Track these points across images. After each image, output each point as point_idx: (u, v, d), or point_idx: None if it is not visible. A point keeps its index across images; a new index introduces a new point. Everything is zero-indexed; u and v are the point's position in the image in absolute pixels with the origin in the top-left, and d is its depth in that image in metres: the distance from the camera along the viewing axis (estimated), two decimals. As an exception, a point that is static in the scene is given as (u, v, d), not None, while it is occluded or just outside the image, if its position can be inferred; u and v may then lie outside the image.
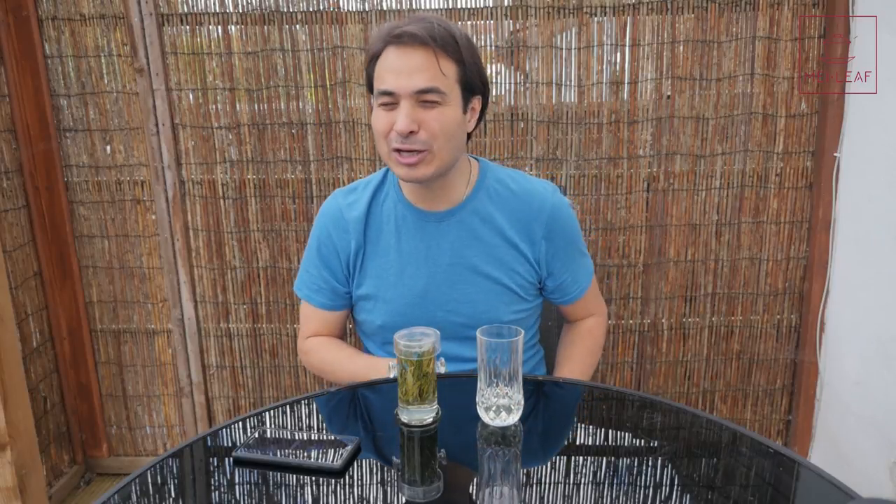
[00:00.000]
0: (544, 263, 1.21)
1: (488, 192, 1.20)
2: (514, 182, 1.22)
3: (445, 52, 1.06)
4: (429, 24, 1.06)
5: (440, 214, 1.19)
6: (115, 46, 1.92)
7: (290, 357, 2.11)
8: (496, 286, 1.19)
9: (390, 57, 1.07)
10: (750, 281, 2.01)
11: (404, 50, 1.05)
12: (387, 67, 1.07)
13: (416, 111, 1.06)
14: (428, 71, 1.05)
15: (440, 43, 1.05)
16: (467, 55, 1.09)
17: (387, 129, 1.08)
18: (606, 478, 0.87)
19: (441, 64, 1.05)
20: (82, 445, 2.21)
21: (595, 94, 1.90)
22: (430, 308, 1.19)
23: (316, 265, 1.25)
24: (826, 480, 0.82)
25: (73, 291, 2.08)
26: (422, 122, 1.06)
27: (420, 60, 1.05)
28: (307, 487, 0.85)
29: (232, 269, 2.05)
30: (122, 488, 0.84)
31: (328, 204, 1.26)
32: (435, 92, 1.05)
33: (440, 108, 1.07)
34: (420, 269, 1.19)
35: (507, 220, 1.19)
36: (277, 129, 1.95)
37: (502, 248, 1.19)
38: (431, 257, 1.18)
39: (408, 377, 0.91)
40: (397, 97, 1.06)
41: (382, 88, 1.06)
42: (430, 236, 1.19)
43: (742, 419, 2.13)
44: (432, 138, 1.07)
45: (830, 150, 1.86)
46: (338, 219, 1.23)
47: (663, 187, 1.95)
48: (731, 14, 1.84)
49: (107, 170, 2.01)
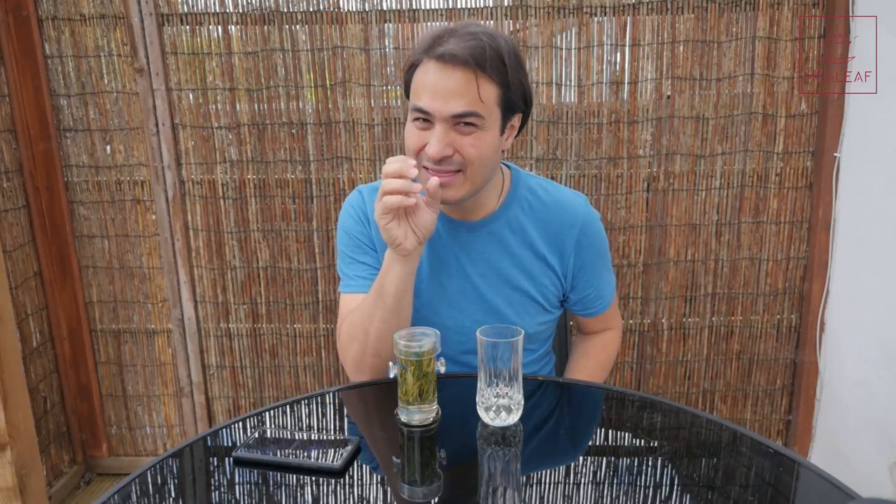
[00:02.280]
0: (570, 276, 1.19)
1: (520, 203, 1.17)
2: (545, 193, 1.19)
3: (487, 74, 0.99)
4: (477, 41, 0.99)
5: (472, 224, 1.16)
6: (115, 46, 1.92)
7: (290, 357, 2.11)
8: (524, 298, 1.17)
9: (429, 73, 1.00)
10: (750, 281, 2.01)
11: (444, 69, 0.99)
12: (424, 84, 1.01)
13: (451, 135, 1.01)
14: (466, 96, 0.99)
15: (483, 65, 0.98)
16: (513, 76, 1.02)
17: (418, 148, 1.03)
18: (606, 478, 0.87)
19: (481, 88, 0.99)
20: (82, 445, 2.21)
21: (595, 94, 1.90)
22: (459, 318, 1.17)
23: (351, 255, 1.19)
24: (826, 480, 0.82)
25: (73, 291, 2.08)
26: (457, 146, 1.01)
27: (459, 83, 0.98)
28: (307, 487, 0.85)
29: (232, 269, 2.05)
30: (122, 488, 0.84)
31: (350, 200, 1.22)
32: (472, 116, 1.00)
33: (477, 134, 1.02)
34: (452, 279, 1.17)
35: (538, 232, 1.17)
36: (277, 129, 1.95)
37: (531, 259, 1.17)
38: (462, 267, 1.16)
39: (408, 377, 0.91)
40: (432, 118, 1.01)
41: (418, 105, 1.01)
42: (460, 246, 1.16)
43: (742, 419, 2.13)
44: (467, 163, 1.03)
45: (830, 150, 1.86)
46: (361, 215, 1.19)
47: (663, 187, 1.95)
48: (731, 14, 1.84)
49: (107, 170, 2.01)
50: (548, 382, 1.15)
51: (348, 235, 1.19)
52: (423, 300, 1.16)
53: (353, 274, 1.18)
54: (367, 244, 1.18)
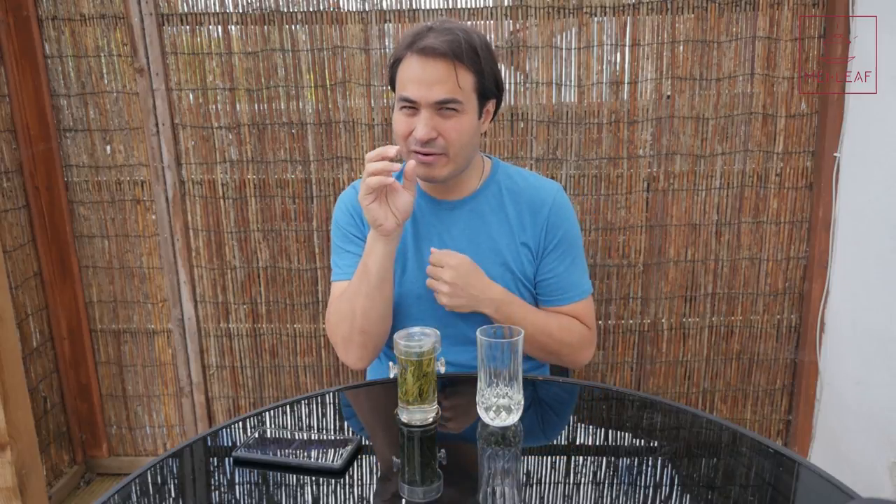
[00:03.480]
0: (540, 254, 1.26)
1: (499, 185, 1.28)
2: (522, 178, 1.30)
3: (464, 64, 1.12)
4: (453, 35, 1.12)
5: (453, 203, 1.27)
6: (115, 46, 1.92)
7: (290, 357, 2.11)
8: (504, 271, 1.24)
9: (413, 66, 1.13)
10: (750, 281, 2.01)
11: (425, 61, 1.11)
12: (409, 76, 1.13)
13: (435, 119, 1.13)
14: (446, 83, 1.11)
15: (460, 56, 1.11)
16: (486, 65, 1.16)
17: (406, 133, 1.15)
18: (606, 478, 0.87)
19: (459, 77, 1.12)
20: (82, 445, 2.21)
21: (595, 94, 1.90)
22: None
23: (345, 250, 1.30)
24: (826, 480, 0.82)
25: (73, 291, 2.08)
26: (440, 130, 1.14)
27: (440, 73, 1.11)
28: (307, 487, 0.85)
29: (232, 269, 2.06)
30: (122, 488, 0.84)
31: (344, 196, 1.33)
32: (453, 102, 1.12)
33: (457, 117, 1.14)
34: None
35: (515, 210, 1.26)
36: (277, 129, 1.95)
37: (509, 236, 1.25)
38: (444, 242, 1.25)
39: (408, 377, 0.91)
40: (418, 105, 1.13)
41: (404, 95, 1.13)
42: (442, 222, 1.26)
43: (742, 419, 2.13)
44: (449, 144, 1.15)
45: (830, 150, 1.86)
46: (352, 209, 1.29)
47: (663, 187, 1.95)
48: (731, 14, 1.84)
49: (107, 170, 2.01)
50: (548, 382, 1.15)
51: (339, 228, 1.30)
52: (409, 275, 1.25)
53: (342, 263, 1.29)
54: (357, 235, 1.28)
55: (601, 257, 1.99)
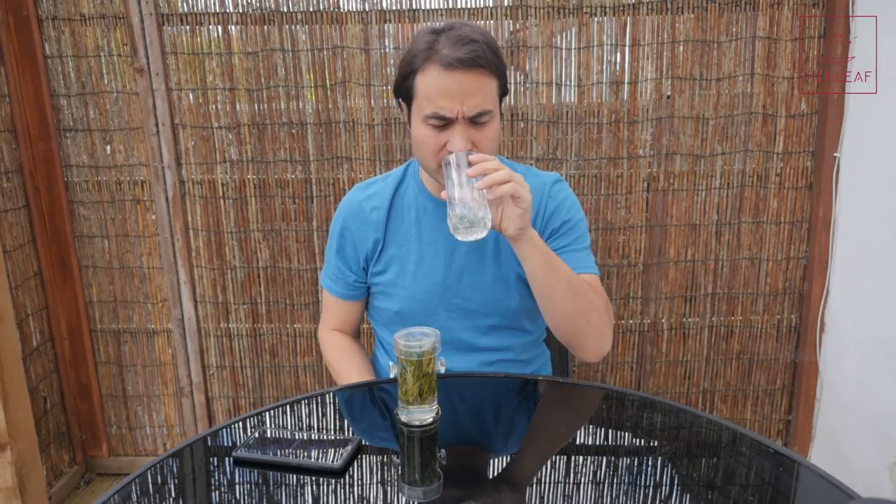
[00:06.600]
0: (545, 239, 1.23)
1: None
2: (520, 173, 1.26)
3: (489, 71, 1.08)
4: (475, 44, 1.06)
5: None
6: (115, 46, 1.92)
7: (290, 357, 2.11)
8: (510, 273, 1.22)
9: (440, 79, 1.06)
10: (750, 281, 2.01)
11: (453, 74, 1.05)
12: (436, 90, 1.07)
13: (470, 131, 1.09)
14: (478, 96, 1.07)
15: (486, 64, 1.06)
16: (501, 66, 1.11)
17: (438, 148, 1.10)
18: (606, 478, 0.87)
19: (488, 85, 1.08)
20: (82, 445, 2.21)
21: (595, 94, 1.90)
22: (447, 295, 1.22)
23: (333, 256, 1.31)
24: (826, 480, 0.82)
25: (73, 291, 2.08)
26: (475, 140, 1.09)
27: (471, 85, 1.06)
28: (307, 487, 0.85)
29: (232, 269, 2.06)
30: (122, 488, 0.84)
31: (348, 198, 1.30)
32: (486, 114, 1.08)
33: (489, 125, 1.10)
34: (438, 258, 1.22)
35: None
36: (277, 129, 1.95)
37: None
38: (449, 242, 1.22)
39: (408, 377, 0.91)
40: (450, 120, 1.08)
41: (437, 112, 1.07)
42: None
43: (742, 419, 2.13)
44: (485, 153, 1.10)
45: (830, 150, 1.86)
46: (357, 212, 1.27)
47: (663, 187, 1.95)
48: (731, 14, 1.84)
49: (107, 170, 2.01)
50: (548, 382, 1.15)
51: (334, 235, 1.30)
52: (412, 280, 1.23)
53: (329, 272, 1.32)
54: (349, 245, 1.27)
55: (601, 257, 1.99)
